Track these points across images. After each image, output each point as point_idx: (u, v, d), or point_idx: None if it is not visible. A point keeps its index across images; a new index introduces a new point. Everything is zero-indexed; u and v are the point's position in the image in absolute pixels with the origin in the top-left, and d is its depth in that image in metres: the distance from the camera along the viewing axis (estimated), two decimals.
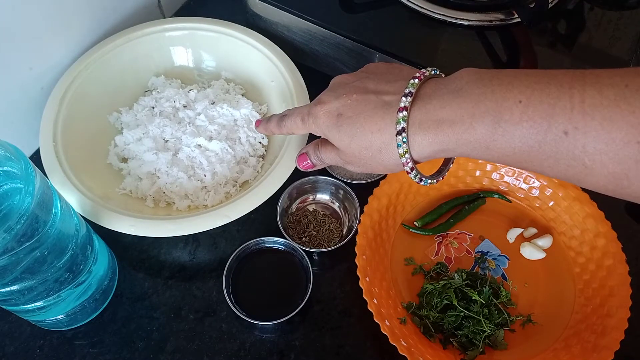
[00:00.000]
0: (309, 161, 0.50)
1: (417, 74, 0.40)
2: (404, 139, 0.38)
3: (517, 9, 0.61)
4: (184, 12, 0.80)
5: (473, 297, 0.53)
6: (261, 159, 0.62)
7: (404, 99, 0.38)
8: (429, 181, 0.43)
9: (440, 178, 0.45)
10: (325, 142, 0.47)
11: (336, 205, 0.62)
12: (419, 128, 0.38)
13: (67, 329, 0.53)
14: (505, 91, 0.35)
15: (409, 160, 0.40)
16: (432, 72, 0.41)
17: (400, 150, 0.39)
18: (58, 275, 0.45)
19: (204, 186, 0.58)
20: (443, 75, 0.41)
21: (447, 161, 0.47)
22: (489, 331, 0.51)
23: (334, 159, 0.46)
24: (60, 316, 0.50)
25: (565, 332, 0.54)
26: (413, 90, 0.39)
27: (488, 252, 0.59)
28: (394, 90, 0.40)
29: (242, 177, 0.59)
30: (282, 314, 0.51)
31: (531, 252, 0.58)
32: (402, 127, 0.38)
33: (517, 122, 0.34)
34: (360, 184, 0.61)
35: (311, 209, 0.61)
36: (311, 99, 0.60)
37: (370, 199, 0.58)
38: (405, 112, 0.38)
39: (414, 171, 0.41)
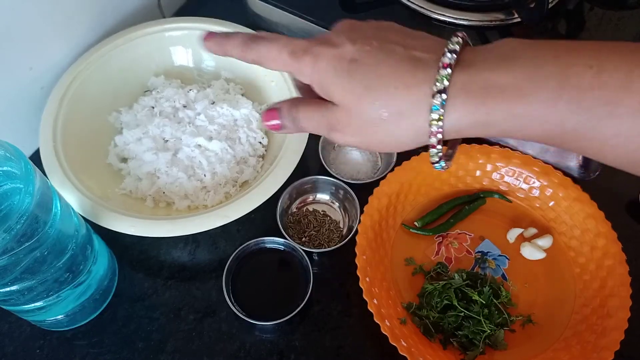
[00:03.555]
0: (277, 121, 0.37)
1: (458, 34, 0.33)
2: (443, 101, 0.31)
3: (518, 9, 0.61)
4: (183, 12, 0.80)
5: (473, 298, 0.53)
6: (261, 159, 0.62)
7: (448, 55, 0.31)
8: (444, 164, 0.35)
9: (450, 162, 0.37)
10: (306, 100, 0.37)
11: (336, 205, 0.62)
12: (462, 91, 0.31)
13: (67, 329, 0.53)
14: (572, 56, 0.30)
15: (439, 129, 0.32)
16: (468, 40, 0.34)
17: (434, 115, 0.31)
18: (58, 275, 0.45)
19: (204, 186, 0.58)
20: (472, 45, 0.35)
21: (455, 143, 0.40)
22: (489, 331, 0.51)
23: (318, 121, 0.36)
24: (60, 316, 0.50)
25: (566, 332, 0.54)
26: (458, 48, 0.32)
27: (488, 252, 0.59)
28: (426, 47, 0.33)
29: (242, 177, 0.59)
30: (282, 315, 0.51)
31: (531, 252, 0.58)
32: (444, 86, 0.31)
33: (587, 89, 0.28)
34: (360, 184, 0.61)
35: (311, 209, 0.61)
36: None
37: (370, 199, 0.57)
38: (449, 70, 0.31)
39: (440, 145, 0.33)
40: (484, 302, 0.53)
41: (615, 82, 0.28)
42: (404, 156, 0.61)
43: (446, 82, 0.31)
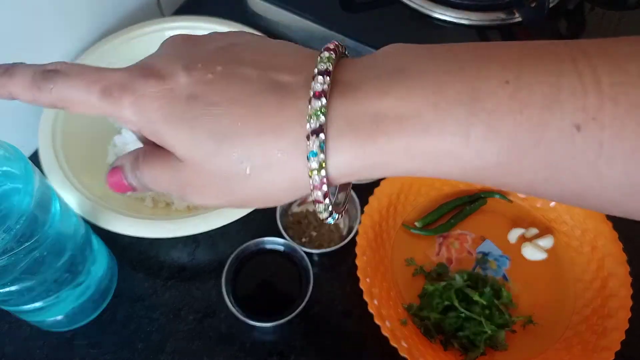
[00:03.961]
0: (124, 180, 0.28)
1: (330, 45, 0.25)
2: (322, 145, 0.23)
3: (518, 9, 0.61)
4: (183, 11, 0.79)
5: (474, 298, 0.53)
6: None
7: (320, 78, 0.23)
8: (337, 216, 0.26)
9: (344, 210, 0.28)
10: (152, 151, 0.27)
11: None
12: (346, 128, 0.23)
13: (66, 329, 0.53)
14: (481, 67, 0.23)
15: (323, 180, 0.23)
16: (344, 50, 0.26)
17: (313, 164, 0.23)
18: (57, 275, 0.45)
19: None
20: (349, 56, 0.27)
21: (346, 187, 0.30)
22: (490, 332, 0.51)
23: (168, 182, 0.26)
24: (59, 317, 0.50)
25: (566, 332, 0.53)
26: (330, 67, 0.23)
27: (489, 252, 0.59)
28: (291, 66, 0.25)
29: None
30: (282, 315, 0.51)
31: (532, 253, 0.58)
32: (320, 125, 0.23)
33: (505, 113, 0.22)
34: (361, 184, 0.61)
35: (311, 210, 0.61)
36: None
37: (370, 199, 0.57)
38: (323, 100, 0.23)
39: (327, 199, 0.24)
40: (485, 303, 0.53)
41: (539, 101, 0.22)
42: None
43: (322, 118, 0.23)
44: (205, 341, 0.53)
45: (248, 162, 0.24)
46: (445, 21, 0.61)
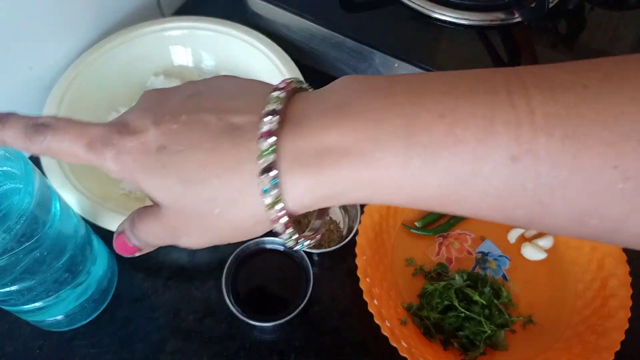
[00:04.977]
0: (128, 243, 0.31)
1: (281, 84, 0.27)
2: (274, 181, 0.24)
3: (518, 9, 0.61)
4: (183, 11, 0.80)
5: (474, 298, 0.53)
6: None
7: (268, 118, 0.25)
8: (308, 242, 0.29)
9: (318, 236, 0.31)
10: (144, 209, 0.30)
11: (336, 206, 0.61)
12: (295, 163, 0.25)
13: (66, 329, 0.53)
14: (417, 102, 0.24)
15: (281, 213, 0.26)
16: (299, 84, 0.28)
17: (267, 200, 0.25)
18: (57, 275, 0.45)
19: None
20: (311, 90, 0.29)
21: (323, 212, 0.32)
22: (489, 332, 0.51)
23: (161, 233, 0.29)
24: (59, 316, 0.50)
25: (566, 332, 0.54)
26: (280, 107, 0.25)
27: (489, 252, 0.59)
28: (245, 108, 0.26)
29: None
30: (282, 315, 0.51)
31: (532, 253, 0.58)
32: (270, 163, 0.24)
33: (441, 147, 0.23)
34: None
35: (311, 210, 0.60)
36: None
37: None
38: (274, 138, 0.24)
39: (289, 230, 0.26)
40: (485, 303, 0.53)
41: (473, 135, 0.22)
42: None
43: (271, 157, 0.24)
44: (205, 341, 0.53)
45: (215, 202, 0.26)
46: (445, 21, 0.61)
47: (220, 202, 0.26)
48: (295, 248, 0.28)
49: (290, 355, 0.53)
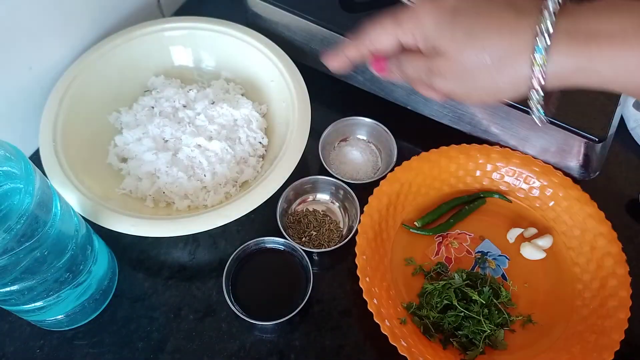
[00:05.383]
0: (386, 64, 0.41)
1: None
2: (547, 45, 0.32)
3: None
4: (183, 11, 0.80)
5: (473, 297, 0.53)
6: (261, 159, 0.62)
7: (551, 3, 0.33)
8: (544, 114, 0.37)
9: (549, 114, 0.38)
10: (407, 52, 0.39)
11: (336, 205, 0.62)
12: (566, 37, 0.32)
13: (67, 329, 0.53)
14: None
15: (542, 73, 0.33)
16: None
17: (538, 59, 0.33)
18: (58, 275, 0.45)
19: (204, 186, 0.58)
20: None
21: (551, 95, 0.39)
22: (489, 331, 0.51)
23: (420, 67, 0.38)
24: (60, 316, 0.50)
25: (566, 332, 0.54)
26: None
27: (488, 252, 0.59)
28: None
29: (242, 177, 0.59)
30: (282, 314, 0.51)
31: (531, 252, 0.58)
32: (548, 31, 0.32)
33: None
34: (360, 184, 0.61)
35: (311, 209, 0.61)
36: (311, 99, 0.59)
37: (370, 199, 0.57)
38: (553, 16, 0.32)
39: (541, 91, 0.34)
40: (484, 302, 0.53)
41: None
42: (404, 156, 0.61)
43: (550, 27, 0.32)
44: (205, 340, 0.53)
45: (488, 54, 0.34)
46: None
47: (493, 55, 0.34)
48: (534, 112, 0.36)
49: (290, 354, 0.53)
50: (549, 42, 0.32)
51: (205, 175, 0.58)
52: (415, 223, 0.60)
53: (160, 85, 0.66)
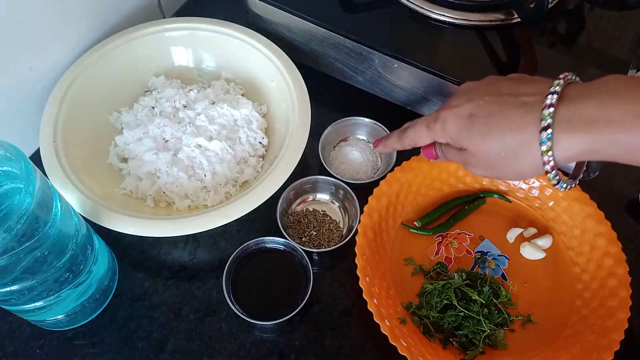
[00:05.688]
0: (434, 152, 0.50)
1: (561, 75, 0.40)
2: (549, 135, 0.38)
3: (517, 9, 0.61)
4: (184, 12, 0.80)
5: (473, 297, 0.53)
6: (261, 159, 0.62)
7: (549, 96, 0.38)
8: (565, 185, 0.43)
9: (575, 184, 0.46)
10: (448, 144, 0.47)
11: (336, 205, 0.62)
12: (567, 125, 0.37)
13: (67, 328, 0.53)
14: None
15: (550, 158, 0.39)
16: (573, 77, 0.41)
17: (544, 147, 0.38)
18: (58, 275, 0.45)
19: (204, 186, 0.58)
20: (580, 81, 0.41)
21: (581, 167, 0.47)
22: (488, 331, 0.51)
23: (456, 157, 0.47)
24: (60, 316, 0.50)
25: (565, 332, 0.54)
26: (559, 89, 0.38)
27: (488, 252, 0.59)
28: (533, 92, 0.40)
29: (242, 177, 0.59)
30: (282, 314, 0.51)
31: (531, 252, 0.58)
32: (548, 124, 0.38)
33: None
34: (360, 184, 0.61)
35: (311, 209, 0.61)
36: (311, 99, 0.60)
37: (370, 199, 0.58)
38: (551, 109, 0.38)
39: (554, 171, 0.40)
40: (484, 302, 0.53)
41: None
42: (404, 156, 0.61)
43: (549, 120, 0.37)
44: (205, 340, 0.53)
45: (503, 150, 0.41)
46: (444, 22, 0.61)
47: (508, 149, 0.40)
48: (557, 186, 0.42)
49: (290, 354, 0.53)
50: (550, 134, 0.37)
51: (205, 175, 0.58)
52: (415, 223, 0.60)
53: (160, 86, 0.66)
